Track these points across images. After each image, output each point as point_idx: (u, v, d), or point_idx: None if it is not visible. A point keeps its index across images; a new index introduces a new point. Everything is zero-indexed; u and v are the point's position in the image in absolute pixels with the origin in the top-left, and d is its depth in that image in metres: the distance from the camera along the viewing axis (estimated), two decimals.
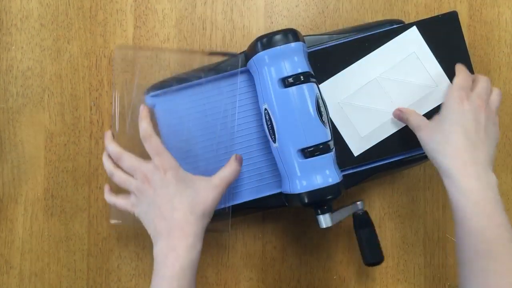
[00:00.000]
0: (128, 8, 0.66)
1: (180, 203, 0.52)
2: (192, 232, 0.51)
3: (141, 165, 0.53)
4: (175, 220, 0.51)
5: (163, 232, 0.51)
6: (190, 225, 0.51)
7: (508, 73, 0.67)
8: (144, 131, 0.53)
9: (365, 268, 0.65)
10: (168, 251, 0.50)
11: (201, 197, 0.53)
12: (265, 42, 0.55)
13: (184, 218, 0.51)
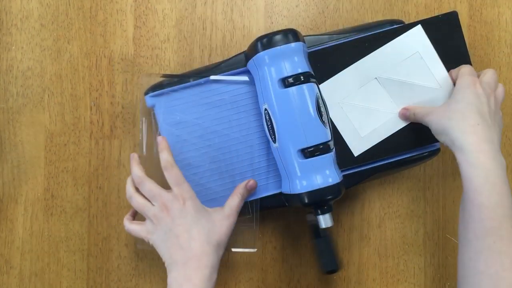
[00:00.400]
0: (128, 8, 0.66)
1: (198, 233, 0.53)
2: (209, 263, 0.52)
3: (161, 193, 0.54)
4: (193, 250, 0.52)
5: (179, 261, 0.52)
6: (207, 256, 0.52)
7: (508, 73, 0.67)
8: (165, 161, 0.54)
9: (365, 268, 0.65)
10: (183, 281, 0.51)
11: (217, 228, 0.54)
12: (265, 42, 0.55)
13: (201, 249, 0.52)
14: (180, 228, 0.53)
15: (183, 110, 0.60)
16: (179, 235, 0.52)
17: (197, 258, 0.52)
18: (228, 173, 0.59)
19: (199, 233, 0.53)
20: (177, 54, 0.65)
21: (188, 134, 0.60)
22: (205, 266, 0.51)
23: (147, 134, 0.61)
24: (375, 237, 0.66)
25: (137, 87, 0.65)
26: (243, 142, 0.60)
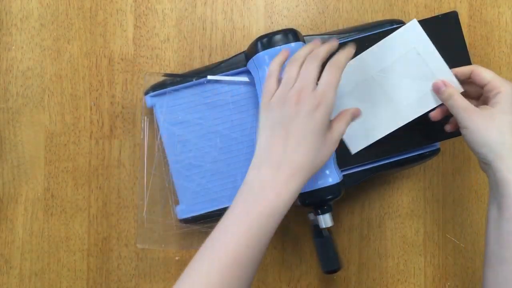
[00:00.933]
0: (128, 8, 0.66)
1: (308, 147, 0.47)
2: (300, 181, 0.47)
3: (309, 79, 0.48)
4: (293, 162, 0.47)
5: (274, 161, 0.47)
6: (302, 174, 0.47)
7: (508, 73, 0.67)
8: (338, 60, 0.49)
9: (365, 268, 0.65)
10: (267, 185, 0.47)
11: (324, 150, 0.48)
12: (265, 42, 0.55)
13: (300, 165, 0.47)
14: (296, 128, 0.47)
15: (184, 109, 0.60)
16: (290, 134, 0.47)
17: (293, 171, 0.47)
18: (228, 173, 0.59)
19: (308, 149, 0.47)
20: (177, 54, 0.65)
21: (189, 134, 0.60)
22: (295, 182, 0.47)
23: (149, 133, 0.61)
24: (375, 237, 0.66)
25: (137, 86, 0.65)
26: (243, 142, 0.60)
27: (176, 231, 0.62)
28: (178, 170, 0.60)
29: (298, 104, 0.47)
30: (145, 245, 0.61)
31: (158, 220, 0.61)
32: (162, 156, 0.61)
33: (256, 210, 0.46)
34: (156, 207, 0.62)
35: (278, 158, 0.47)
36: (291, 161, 0.47)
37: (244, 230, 0.46)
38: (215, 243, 0.47)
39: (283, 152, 0.47)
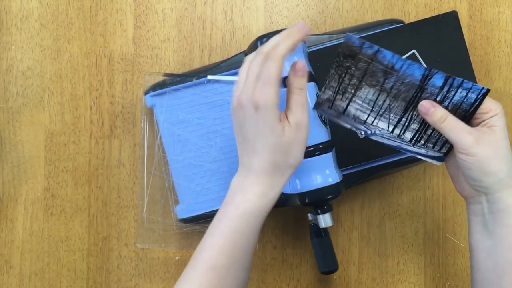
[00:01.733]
0: (128, 8, 0.66)
1: (262, 150, 0.47)
2: (267, 182, 0.47)
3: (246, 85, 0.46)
4: (253, 164, 0.47)
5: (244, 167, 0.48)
6: (268, 176, 0.47)
7: (508, 73, 0.67)
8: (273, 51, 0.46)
9: (365, 268, 0.65)
10: (238, 190, 0.48)
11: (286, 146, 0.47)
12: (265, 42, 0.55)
13: (262, 167, 0.47)
14: (247, 134, 0.47)
15: (184, 109, 0.60)
16: (245, 139, 0.48)
17: (257, 175, 0.47)
18: (228, 173, 0.59)
19: (263, 151, 0.47)
20: (177, 54, 0.65)
21: (189, 134, 0.60)
22: (263, 183, 0.47)
23: (149, 133, 0.61)
24: (375, 237, 0.66)
25: (137, 86, 0.65)
26: None
27: (176, 231, 0.62)
28: (178, 170, 0.60)
29: (242, 109, 0.47)
30: (145, 245, 0.61)
31: (158, 220, 0.62)
32: (162, 156, 0.61)
33: (227, 215, 0.48)
34: (156, 207, 0.62)
35: (245, 164, 0.48)
36: (252, 167, 0.48)
37: (217, 237, 0.48)
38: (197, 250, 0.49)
39: (247, 157, 0.48)
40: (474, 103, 0.49)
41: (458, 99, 0.49)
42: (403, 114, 0.52)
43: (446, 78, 0.49)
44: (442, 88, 0.50)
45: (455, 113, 0.50)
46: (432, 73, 0.49)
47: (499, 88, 0.66)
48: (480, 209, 0.49)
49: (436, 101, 0.50)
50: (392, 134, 0.53)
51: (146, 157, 0.60)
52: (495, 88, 0.66)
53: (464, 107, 0.49)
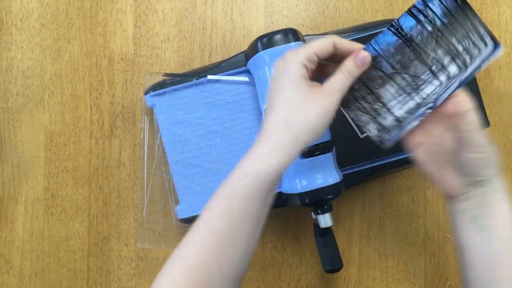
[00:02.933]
0: (128, 8, 0.66)
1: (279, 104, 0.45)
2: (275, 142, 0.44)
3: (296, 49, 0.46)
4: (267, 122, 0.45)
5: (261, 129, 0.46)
6: (276, 134, 0.44)
7: (508, 73, 0.67)
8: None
9: (365, 268, 0.65)
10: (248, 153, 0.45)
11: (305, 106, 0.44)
12: (265, 42, 0.55)
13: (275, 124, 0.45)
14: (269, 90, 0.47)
15: (184, 109, 0.60)
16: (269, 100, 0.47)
17: (266, 133, 0.45)
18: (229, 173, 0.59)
19: (279, 106, 0.45)
20: (177, 54, 0.65)
21: (189, 134, 0.60)
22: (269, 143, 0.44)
23: (149, 133, 0.61)
24: (375, 237, 0.66)
25: (137, 86, 0.65)
26: (243, 142, 0.60)
27: (176, 231, 0.62)
28: (178, 170, 0.60)
29: (275, 70, 0.47)
30: (145, 245, 0.61)
31: (158, 220, 0.62)
32: (162, 156, 0.61)
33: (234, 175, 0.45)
34: (156, 207, 0.62)
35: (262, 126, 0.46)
36: (267, 125, 0.45)
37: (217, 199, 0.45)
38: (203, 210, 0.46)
39: (265, 120, 0.46)
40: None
41: (440, 9, 0.48)
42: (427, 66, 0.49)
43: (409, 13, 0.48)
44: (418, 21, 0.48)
45: (456, 20, 0.48)
46: (397, 23, 0.48)
47: (499, 88, 0.66)
48: (468, 205, 0.48)
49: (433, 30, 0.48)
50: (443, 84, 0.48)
51: (146, 157, 0.60)
52: (495, 88, 0.66)
53: (452, 6, 0.47)
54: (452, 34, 0.48)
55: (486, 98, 0.66)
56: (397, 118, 0.50)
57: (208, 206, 0.46)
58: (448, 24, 0.48)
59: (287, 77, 0.45)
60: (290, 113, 0.45)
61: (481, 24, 0.47)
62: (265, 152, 0.44)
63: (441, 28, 0.48)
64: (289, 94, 0.45)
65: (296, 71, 0.45)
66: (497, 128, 0.66)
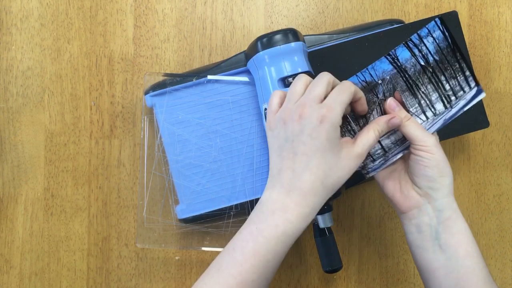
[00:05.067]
0: (128, 8, 0.66)
1: (317, 166, 0.45)
2: (312, 204, 0.46)
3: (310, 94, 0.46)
4: (302, 182, 0.45)
5: (285, 184, 0.46)
6: (313, 196, 0.45)
7: (508, 73, 0.67)
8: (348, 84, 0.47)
9: (365, 268, 0.65)
10: (277, 209, 0.45)
11: (339, 168, 0.46)
12: (265, 42, 0.55)
13: (312, 186, 0.45)
14: (302, 147, 0.45)
15: (184, 109, 0.60)
16: (298, 153, 0.45)
17: (303, 194, 0.45)
18: (228, 173, 0.59)
19: (318, 168, 0.45)
20: (177, 54, 0.65)
21: (189, 134, 0.60)
22: (307, 205, 0.45)
23: (149, 133, 0.61)
24: (375, 237, 0.66)
25: (137, 86, 0.65)
26: (243, 142, 0.60)
27: (176, 231, 0.62)
28: (178, 170, 0.60)
29: (302, 119, 0.45)
30: (145, 245, 0.61)
31: (158, 220, 0.62)
32: (162, 156, 0.61)
33: (264, 234, 0.45)
34: (156, 207, 0.62)
35: (288, 181, 0.46)
36: (300, 184, 0.45)
37: (250, 254, 0.45)
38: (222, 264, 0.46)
39: (292, 174, 0.46)
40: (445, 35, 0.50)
41: (433, 46, 0.50)
42: (417, 99, 0.51)
43: (406, 45, 0.50)
44: (413, 54, 0.51)
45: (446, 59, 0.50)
46: (393, 53, 0.50)
47: (499, 88, 0.67)
48: (427, 221, 0.49)
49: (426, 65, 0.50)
50: (429, 119, 0.51)
51: (146, 157, 0.60)
52: (495, 88, 0.67)
53: (444, 46, 0.50)
54: (441, 72, 0.51)
55: (486, 98, 0.66)
56: (383, 147, 0.52)
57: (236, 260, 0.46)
58: (439, 62, 0.51)
59: (325, 138, 0.45)
60: (327, 177, 0.46)
61: (468, 67, 0.50)
62: (305, 213, 0.46)
63: (432, 64, 0.51)
64: (327, 157, 0.45)
65: (335, 133, 0.45)
66: (497, 128, 0.66)
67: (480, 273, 0.47)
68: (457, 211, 0.49)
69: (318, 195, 0.46)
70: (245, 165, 0.60)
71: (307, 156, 0.45)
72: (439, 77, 0.51)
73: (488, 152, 0.66)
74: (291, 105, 0.47)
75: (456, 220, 0.48)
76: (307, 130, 0.45)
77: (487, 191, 0.66)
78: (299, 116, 0.46)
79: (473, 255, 0.48)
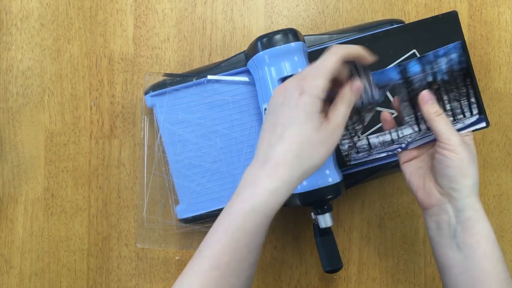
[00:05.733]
0: (128, 8, 0.66)
1: (291, 136, 0.44)
2: (283, 176, 0.43)
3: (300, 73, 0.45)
4: (275, 152, 0.44)
5: (260, 157, 0.44)
6: (286, 168, 0.43)
7: (508, 73, 0.67)
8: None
9: (365, 268, 0.65)
10: (248, 183, 0.44)
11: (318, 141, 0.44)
12: (265, 42, 0.55)
13: (284, 157, 0.43)
14: (281, 118, 0.44)
15: (184, 109, 0.60)
16: (276, 124, 0.44)
17: (275, 165, 0.43)
18: (228, 173, 0.59)
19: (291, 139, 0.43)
20: (177, 54, 0.65)
21: (189, 134, 0.60)
22: (278, 177, 0.43)
23: (149, 133, 0.61)
24: (375, 237, 0.66)
25: (137, 86, 0.65)
26: (243, 142, 0.60)
27: (176, 231, 0.62)
28: (178, 170, 0.60)
29: (285, 92, 0.45)
30: (145, 245, 0.61)
31: (158, 220, 0.62)
32: (162, 156, 0.61)
33: (236, 207, 0.44)
34: (156, 207, 0.62)
35: (262, 154, 0.45)
36: (273, 155, 0.44)
37: (220, 233, 0.44)
38: (200, 249, 0.45)
39: (268, 146, 0.44)
40: (460, 59, 0.50)
41: (446, 67, 0.51)
42: (414, 111, 0.52)
43: (420, 60, 0.51)
44: (423, 71, 0.51)
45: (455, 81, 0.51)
46: (405, 65, 0.51)
47: (499, 88, 0.67)
48: (446, 220, 0.49)
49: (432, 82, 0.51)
50: (421, 131, 0.52)
51: (146, 157, 0.60)
52: (495, 88, 0.67)
53: (457, 68, 0.51)
54: (446, 93, 0.52)
55: (486, 98, 0.66)
56: (370, 144, 0.54)
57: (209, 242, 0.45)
58: (447, 82, 0.51)
59: (302, 110, 0.44)
60: (302, 150, 0.44)
61: (474, 96, 0.51)
62: (274, 187, 0.43)
63: (439, 83, 0.51)
64: (303, 129, 0.44)
65: (313, 106, 0.44)
66: (497, 128, 0.66)
67: (497, 276, 0.47)
68: (479, 212, 0.48)
69: (292, 168, 0.43)
70: (245, 165, 0.59)
71: (284, 126, 0.44)
72: (442, 96, 0.51)
73: (488, 152, 0.66)
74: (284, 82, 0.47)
75: (477, 221, 0.48)
76: (287, 102, 0.44)
77: (487, 191, 0.66)
78: (284, 89, 0.45)
79: (492, 258, 0.47)
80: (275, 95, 0.46)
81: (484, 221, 0.48)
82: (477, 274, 0.47)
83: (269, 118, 0.46)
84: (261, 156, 0.45)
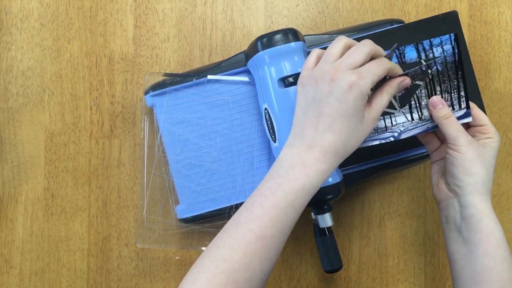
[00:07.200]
0: (128, 8, 0.66)
1: (340, 129, 0.47)
2: (330, 161, 0.47)
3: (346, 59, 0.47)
4: (324, 140, 0.47)
5: (306, 140, 0.47)
6: (333, 155, 0.47)
7: (508, 73, 0.67)
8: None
9: (365, 268, 0.65)
10: (297, 163, 0.47)
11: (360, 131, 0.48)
12: (265, 42, 0.55)
13: (333, 145, 0.47)
14: (328, 109, 0.46)
15: (184, 109, 0.60)
16: (323, 113, 0.47)
17: (324, 151, 0.46)
18: (228, 173, 0.59)
19: (341, 130, 0.47)
20: (177, 54, 0.65)
21: (189, 134, 0.60)
22: (326, 162, 0.47)
23: (149, 133, 0.61)
24: (375, 237, 0.66)
25: (137, 86, 0.65)
26: (243, 142, 0.60)
27: (176, 230, 0.62)
28: (178, 170, 0.60)
29: (332, 82, 0.46)
30: (145, 245, 0.61)
31: (158, 220, 0.62)
32: (162, 156, 0.61)
33: (283, 187, 0.46)
34: (156, 207, 0.62)
35: (309, 138, 0.47)
36: (322, 142, 0.47)
37: (269, 208, 0.46)
38: (240, 220, 0.47)
39: (315, 132, 0.47)
40: (454, 51, 0.52)
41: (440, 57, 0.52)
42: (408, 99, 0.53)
43: (415, 46, 0.52)
44: (419, 57, 0.52)
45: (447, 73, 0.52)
46: (402, 50, 0.52)
47: (499, 88, 0.67)
48: (453, 215, 0.52)
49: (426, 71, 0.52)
50: (414, 121, 0.54)
51: (146, 157, 0.60)
52: (495, 88, 0.67)
53: (450, 60, 0.52)
54: (438, 83, 0.53)
55: (486, 98, 0.66)
56: None
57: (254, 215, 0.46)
58: (440, 73, 0.53)
59: (352, 105, 0.46)
60: (347, 140, 0.47)
61: (464, 88, 0.53)
62: (323, 170, 0.47)
63: (433, 73, 0.53)
64: (351, 122, 0.47)
65: (362, 101, 0.47)
66: (497, 128, 0.66)
67: (497, 275, 0.48)
68: (482, 211, 0.49)
69: (337, 155, 0.47)
70: (245, 165, 0.60)
71: (332, 118, 0.46)
72: (435, 86, 0.53)
73: None
74: (325, 66, 0.48)
75: (480, 219, 0.49)
76: (335, 94, 0.46)
77: None
78: (330, 78, 0.47)
79: (493, 257, 0.48)
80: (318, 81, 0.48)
81: (488, 220, 0.49)
82: (478, 270, 0.49)
83: (313, 105, 0.48)
84: (307, 140, 0.47)
